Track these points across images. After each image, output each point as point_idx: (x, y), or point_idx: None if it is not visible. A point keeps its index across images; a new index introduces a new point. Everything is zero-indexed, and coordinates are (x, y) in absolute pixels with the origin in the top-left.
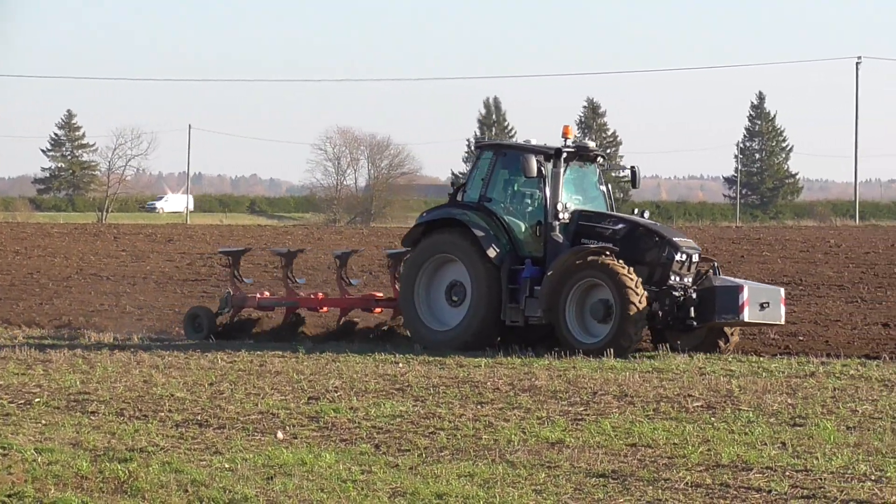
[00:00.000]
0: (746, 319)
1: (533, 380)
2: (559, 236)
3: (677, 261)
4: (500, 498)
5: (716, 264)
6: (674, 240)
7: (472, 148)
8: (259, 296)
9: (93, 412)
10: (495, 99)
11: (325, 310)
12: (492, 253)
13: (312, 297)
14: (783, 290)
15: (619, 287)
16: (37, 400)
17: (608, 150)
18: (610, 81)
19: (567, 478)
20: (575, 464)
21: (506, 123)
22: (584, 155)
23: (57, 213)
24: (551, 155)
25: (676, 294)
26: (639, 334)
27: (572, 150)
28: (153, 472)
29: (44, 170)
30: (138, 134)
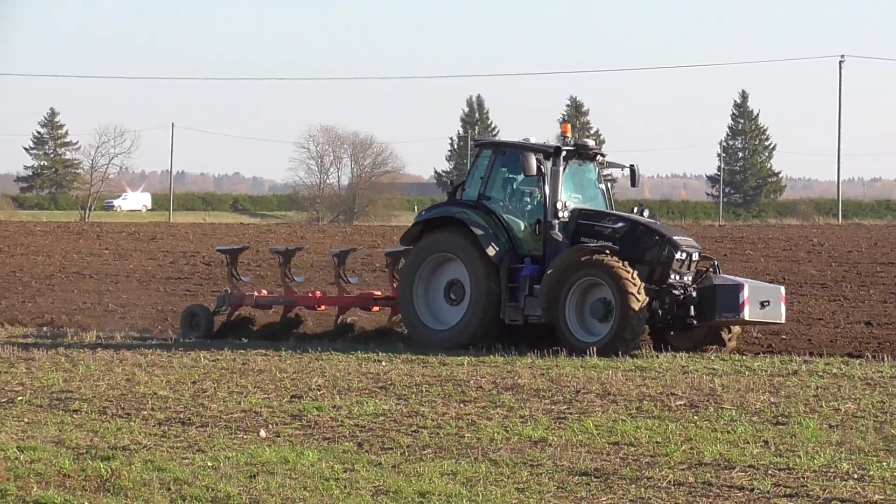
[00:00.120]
0: (747, 318)
1: (516, 378)
2: (559, 235)
3: (677, 259)
4: (483, 496)
5: (716, 263)
6: (674, 238)
7: (454, 146)
8: (256, 294)
9: (75, 410)
10: (479, 97)
11: (324, 308)
12: (491, 251)
13: (310, 295)
14: (783, 289)
15: (619, 286)
16: (19, 398)
17: None
18: (593, 80)
19: (550, 476)
20: (558, 462)
21: (489, 122)
22: (583, 153)
23: (40, 211)
24: (551, 153)
25: (676, 293)
26: (639, 333)
27: (571, 149)
28: (136, 470)
29: (26, 168)
30: (121, 132)
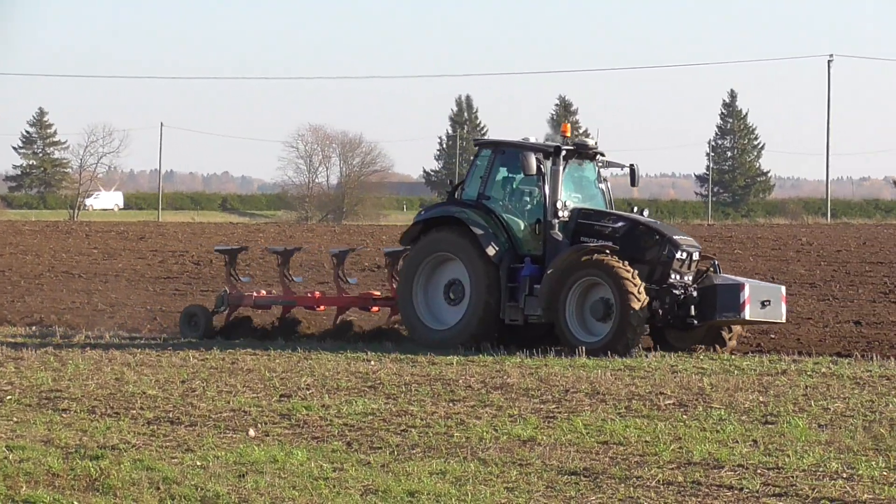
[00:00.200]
0: (748, 317)
1: (505, 377)
2: (559, 234)
3: (678, 259)
4: (472, 495)
5: (716, 262)
6: (674, 238)
7: (443, 146)
8: (256, 294)
9: (64, 410)
10: (467, 97)
11: (322, 308)
12: (491, 251)
13: (309, 295)
14: (783, 288)
15: (620, 286)
16: (8, 397)
17: None
18: (582, 79)
19: (539, 475)
20: (547, 461)
21: (478, 121)
22: (583, 153)
23: (28, 210)
24: (550, 153)
25: (677, 292)
26: (639, 333)
27: (571, 148)
28: (125, 469)
29: (15, 167)
30: (110, 132)
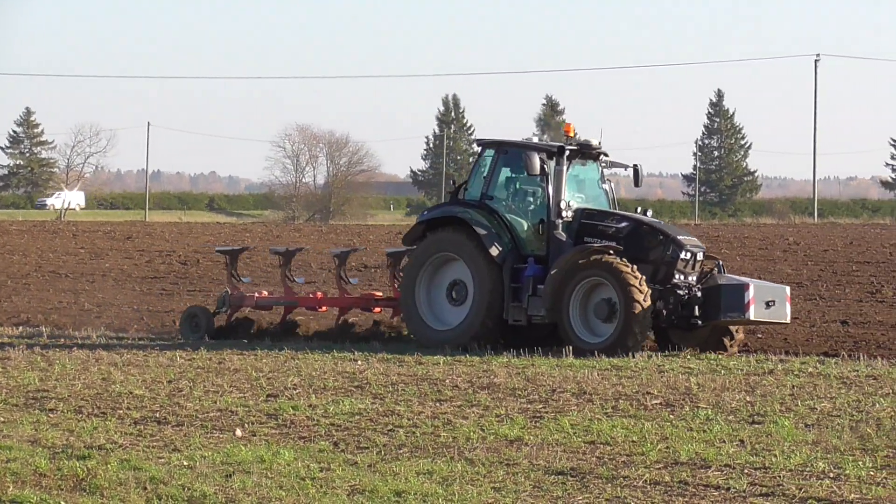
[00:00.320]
0: (752, 318)
1: (492, 377)
2: (562, 234)
3: (682, 259)
4: (459, 495)
5: (720, 262)
6: (678, 238)
7: (430, 145)
8: (257, 295)
9: (51, 410)
10: (454, 96)
11: (324, 309)
12: (494, 251)
13: (311, 296)
14: (788, 289)
15: (624, 286)
16: None
17: None
18: (569, 79)
19: (526, 475)
20: (534, 461)
21: (465, 121)
22: (586, 153)
23: (15, 210)
24: (554, 152)
25: (681, 292)
26: (643, 333)
27: (575, 148)
28: (112, 469)
29: (2, 167)
30: (97, 131)
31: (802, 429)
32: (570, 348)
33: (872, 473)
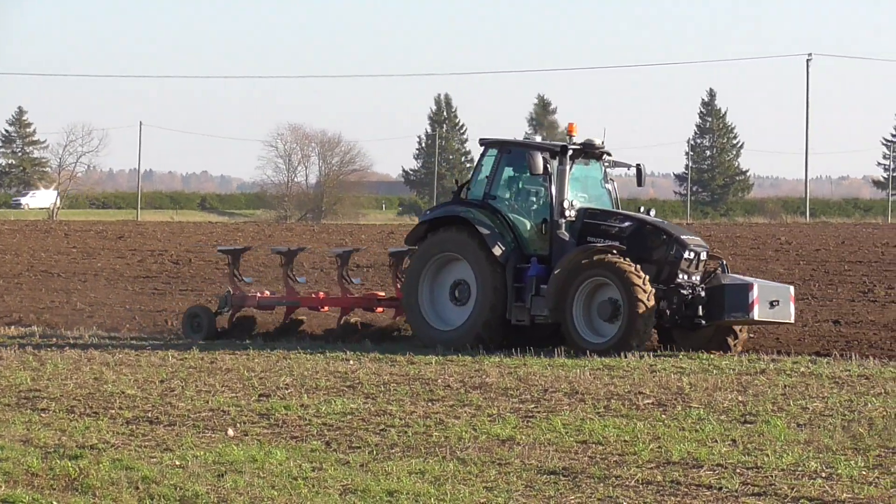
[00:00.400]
0: (756, 318)
1: (484, 377)
2: (565, 234)
3: (685, 259)
4: (451, 495)
5: (724, 262)
6: (681, 237)
7: (422, 145)
8: (259, 295)
9: (43, 409)
10: (446, 96)
11: (327, 309)
12: (497, 251)
13: (314, 296)
14: (792, 289)
15: (627, 286)
16: None
17: None
18: (561, 78)
19: (518, 475)
20: (526, 461)
21: (457, 120)
22: (589, 152)
23: (7, 209)
24: (557, 152)
25: (684, 292)
26: (647, 333)
27: (578, 148)
28: (104, 469)
29: None
30: (89, 131)
31: (794, 428)
32: (562, 348)
33: (864, 473)
